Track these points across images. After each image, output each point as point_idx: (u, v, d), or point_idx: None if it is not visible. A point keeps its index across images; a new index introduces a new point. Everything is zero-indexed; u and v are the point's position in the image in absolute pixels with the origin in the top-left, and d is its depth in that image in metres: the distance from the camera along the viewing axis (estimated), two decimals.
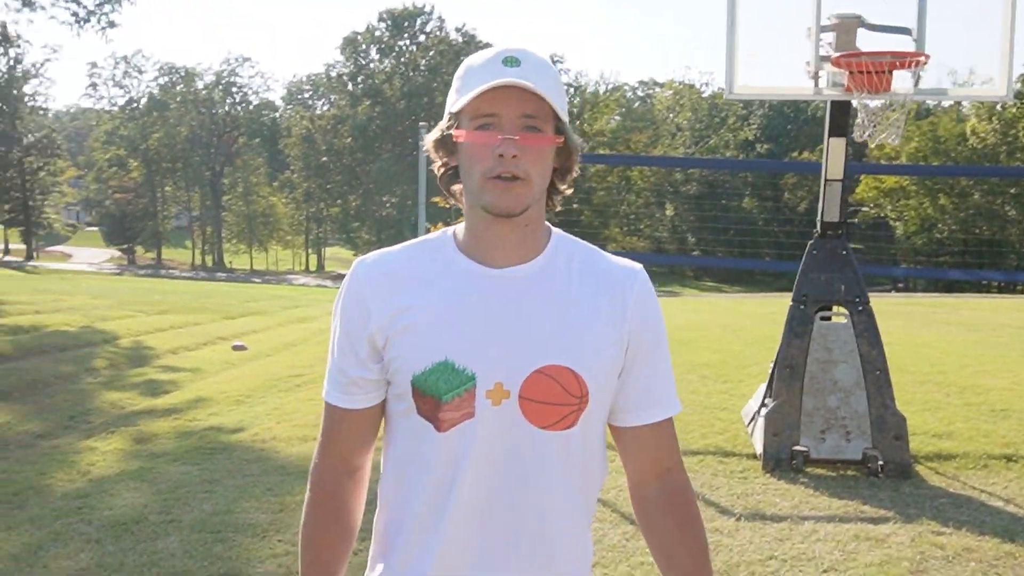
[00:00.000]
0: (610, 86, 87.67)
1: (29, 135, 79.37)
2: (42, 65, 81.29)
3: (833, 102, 6.63)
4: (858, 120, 6.31)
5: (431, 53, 73.57)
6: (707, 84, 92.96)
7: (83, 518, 5.78)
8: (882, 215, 71.15)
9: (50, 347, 13.54)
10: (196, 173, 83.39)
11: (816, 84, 6.38)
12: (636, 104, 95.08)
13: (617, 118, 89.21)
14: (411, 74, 72.60)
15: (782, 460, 6.86)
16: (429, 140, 1.70)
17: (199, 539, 5.32)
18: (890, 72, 5.91)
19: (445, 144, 1.68)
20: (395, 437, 1.74)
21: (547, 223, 1.76)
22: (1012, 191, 62.32)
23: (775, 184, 79.57)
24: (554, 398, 1.63)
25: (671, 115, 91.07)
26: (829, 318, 7.14)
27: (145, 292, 26.05)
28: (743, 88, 6.52)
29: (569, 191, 1.78)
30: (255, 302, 24.85)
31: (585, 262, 1.75)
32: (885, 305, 27.59)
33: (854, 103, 6.54)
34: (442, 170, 1.73)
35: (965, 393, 10.26)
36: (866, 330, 6.94)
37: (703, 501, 6.15)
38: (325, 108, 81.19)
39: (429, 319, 1.64)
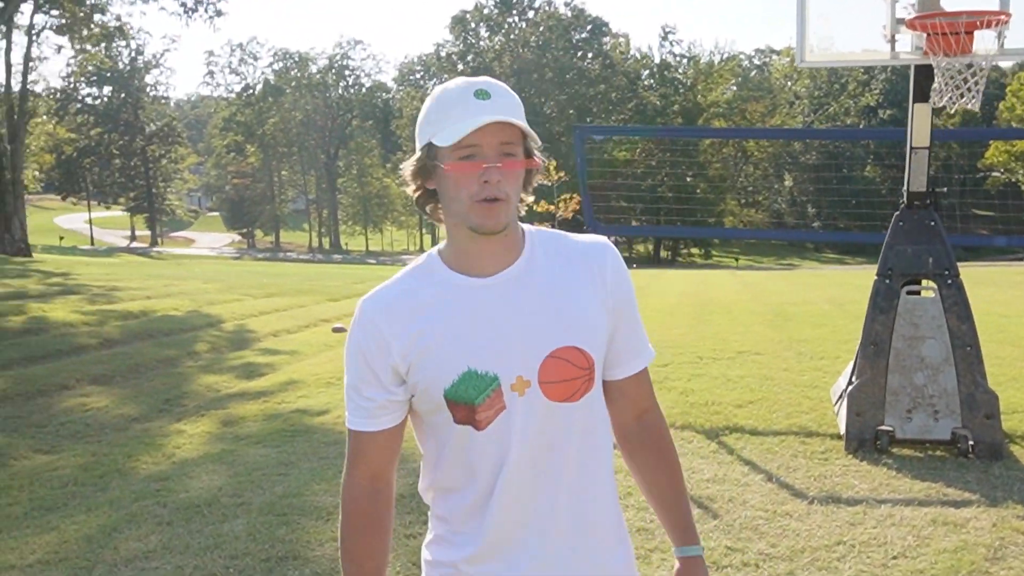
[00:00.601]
0: (725, 56, 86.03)
1: (151, 124, 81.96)
2: (162, 55, 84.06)
3: (917, 66, 6.32)
4: (934, 85, 5.99)
5: (540, 29, 73.31)
6: (827, 50, 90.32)
7: (160, 500, 5.90)
8: (1013, 179, 68.51)
9: (156, 332, 13.90)
10: (311, 156, 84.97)
11: (892, 48, 6.08)
12: (752, 73, 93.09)
13: (733, 88, 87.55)
14: (520, 51, 72.52)
15: (866, 441, 6.61)
16: (407, 168, 1.88)
17: (265, 522, 5.37)
18: (969, 33, 5.59)
19: (423, 171, 1.86)
20: (437, 443, 1.93)
21: (519, 223, 1.94)
22: None
23: (899, 152, 77.05)
24: (568, 375, 1.85)
25: (789, 83, 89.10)
26: (918, 292, 6.83)
27: (255, 276, 26.61)
28: (816, 54, 6.25)
29: (531, 199, 1.95)
30: (362, 283, 25.12)
31: (559, 249, 1.95)
32: (1004, 275, 26.59)
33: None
34: (418, 193, 1.90)
35: None
36: (956, 304, 6.62)
37: (777, 483, 5.97)
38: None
39: (443, 337, 1.83)
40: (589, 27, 74.08)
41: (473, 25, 75.05)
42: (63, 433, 8.25)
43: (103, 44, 39.95)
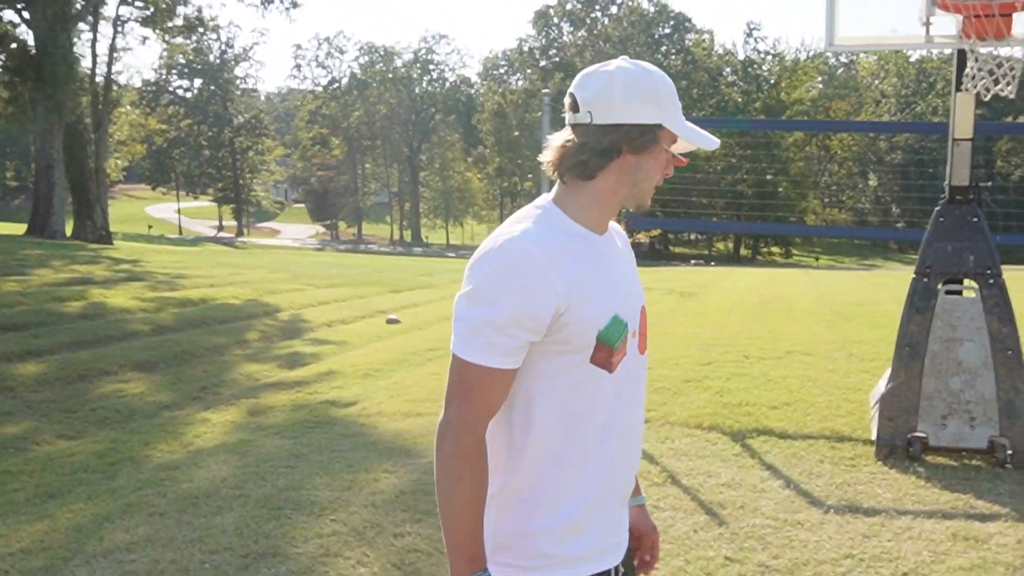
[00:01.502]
0: (811, 53, 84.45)
1: (239, 116, 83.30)
2: (251, 48, 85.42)
3: (960, 52, 5.98)
4: (967, 70, 5.64)
5: (624, 24, 72.78)
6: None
7: (161, 490, 5.83)
8: None
9: (211, 319, 14.00)
10: (395, 150, 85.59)
11: (927, 32, 5.74)
12: (839, 71, 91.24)
13: (819, 85, 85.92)
14: (602, 45, 72.00)
15: (897, 447, 6.29)
16: (630, 119, 1.91)
17: (256, 515, 5.26)
18: (1008, 16, 5.24)
19: (637, 139, 1.93)
20: (557, 384, 1.94)
21: None
22: None
23: (987, 150, 75.19)
24: (645, 329, 2.08)
25: (875, 81, 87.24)
26: (960, 292, 6.48)
27: (324, 266, 26.77)
28: (846, 39, 5.94)
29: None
30: (429, 276, 25.13)
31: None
32: None
33: (982, 51, 5.87)
34: (608, 148, 1.94)
35: None
36: (997, 305, 6.26)
37: (795, 490, 5.69)
38: (520, 83, 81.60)
39: (598, 282, 1.93)
40: (672, 23, 73.31)
41: (556, 20, 74.76)
42: (91, 419, 8.29)
43: (188, 35, 40.58)
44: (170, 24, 36.87)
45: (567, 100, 1.98)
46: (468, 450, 1.89)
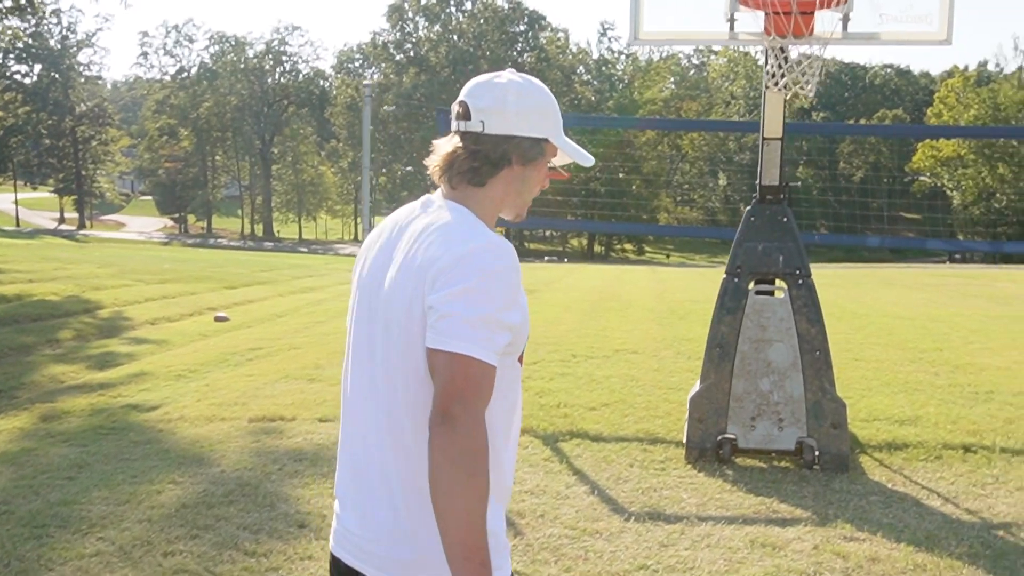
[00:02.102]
0: (664, 54, 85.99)
1: (81, 104, 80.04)
2: (94, 34, 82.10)
3: (770, 49, 5.90)
4: (768, 68, 5.56)
5: (479, 20, 72.72)
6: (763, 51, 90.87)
7: None
8: (939, 184, 69.37)
9: (24, 317, 13.22)
10: (246, 142, 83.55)
11: (731, 28, 5.64)
12: (691, 73, 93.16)
13: (671, 86, 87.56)
14: (456, 41, 71.84)
15: (707, 450, 6.19)
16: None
17: (16, 535, 4.80)
18: (809, 14, 5.17)
19: (527, 150, 2.01)
20: (502, 386, 1.91)
21: None
22: None
23: (831, 151, 77.90)
24: None
25: (726, 83, 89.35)
26: (772, 293, 6.42)
27: (159, 261, 25.80)
28: (650, 33, 5.81)
29: None
30: (269, 271, 24.48)
31: None
32: (918, 276, 26.58)
33: (797, 50, 5.80)
34: (498, 157, 1.99)
35: (956, 372, 9.50)
36: (805, 306, 6.22)
37: (600, 497, 5.51)
38: (376, 77, 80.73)
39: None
40: (526, 20, 73.54)
41: (411, 14, 74.17)
42: None
43: (21, 17, 38.54)
44: None
45: (457, 108, 2.00)
46: (482, 444, 1.78)
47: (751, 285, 6.36)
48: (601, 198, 64.20)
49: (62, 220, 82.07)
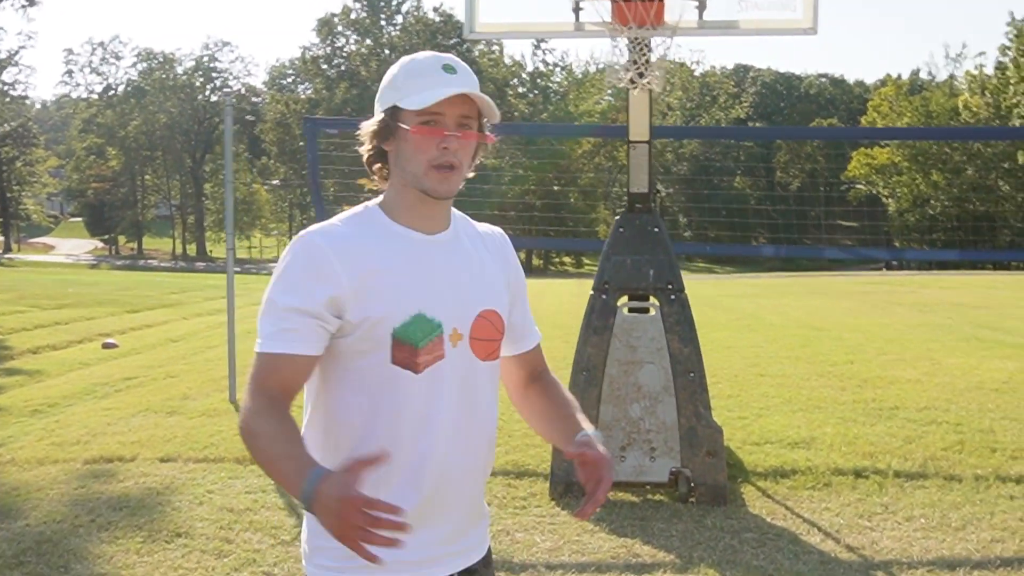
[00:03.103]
0: (600, 66, 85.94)
1: (5, 124, 78.17)
2: (16, 52, 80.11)
3: (630, 42, 5.36)
4: (611, 61, 5.04)
5: (410, 33, 72.15)
6: (698, 63, 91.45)
7: None
8: (874, 191, 69.98)
9: None
10: (176, 161, 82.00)
11: (577, 18, 5.12)
12: (659, 96, 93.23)
13: (609, 98, 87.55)
14: (387, 55, 71.15)
15: (573, 484, 5.61)
16: (367, 127, 1.97)
17: None
18: (658, 0, 4.65)
19: (382, 133, 1.95)
20: (357, 387, 1.92)
21: None
22: (1005, 165, 61.06)
23: (767, 159, 78.36)
24: (490, 335, 2.01)
25: (662, 95, 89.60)
26: (648, 310, 5.88)
27: (62, 284, 24.83)
28: (488, 26, 5.26)
29: (472, 175, 2.02)
30: (179, 293, 23.63)
31: (470, 226, 2.10)
32: (847, 285, 26.40)
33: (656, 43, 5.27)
34: (371, 152, 1.98)
35: (864, 387, 9.09)
36: (678, 323, 5.69)
37: None
38: (308, 92, 79.77)
39: (398, 279, 1.91)
40: (458, 33, 73.08)
41: (340, 28, 73.33)
42: None
43: None
44: None
45: None
46: (248, 419, 1.83)
47: (621, 302, 5.83)
48: (539, 211, 63.87)
49: None
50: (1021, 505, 5.47)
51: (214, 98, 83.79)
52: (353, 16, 72.69)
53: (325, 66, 74.14)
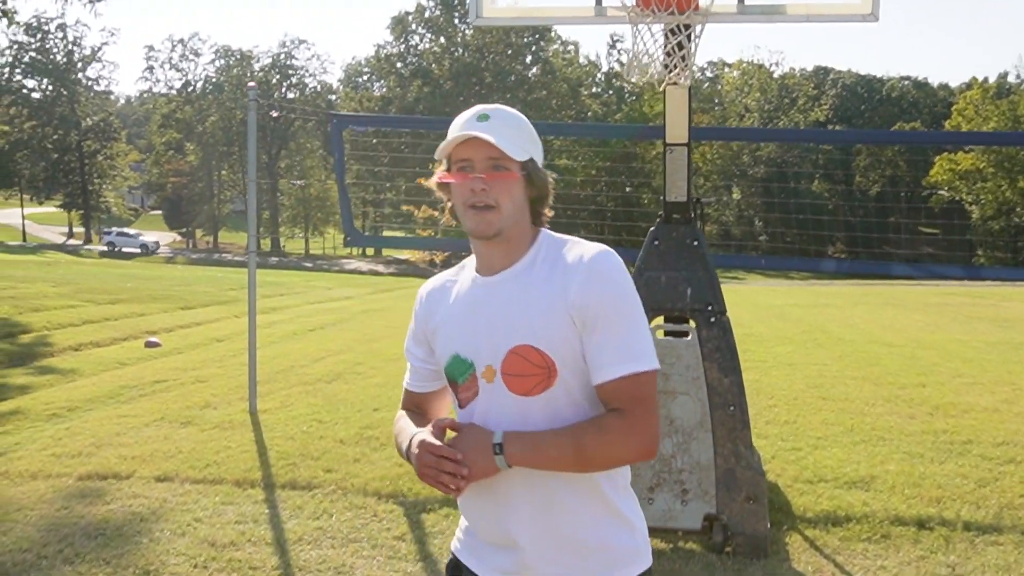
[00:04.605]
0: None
1: (88, 119, 79.46)
2: (100, 48, 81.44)
3: (670, 32, 4.73)
4: (633, 51, 4.41)
5: (483, 32, 71.78)
6: (777, 64, 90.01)
7: None
8: (957, 198, 67.97)
9: None
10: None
11: (599, 2, 4.50)
12: (705, 85, 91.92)
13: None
14: (460, 53, 70.82)
15: None
16: (432, 183, 2.12)
17: None
18: None
19: (441, 185, 2.11)
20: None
21: (542, 229, 2.14)
22: None
23: (847, 164, 76.57)
24: (525, 370, 2.01)
25: (740, 96, 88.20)
26: (687, 333, 5.23)
27: (121, 279, 24.80)
28: (498, 11, 4.68)
29: (551, 213, 2.14)
30: (238, 290, 23.39)
31: (555, 257, 2.07)
32: (924, 295, 25.27)
33: (696, 29, 4.63)
34: (448, 205, 2.13)
35: (935, 415, 8.31)
36: (717, 350, 5.05)
37: None
38: (383, 90, 79.91)
39: (446, 323, 2.13)
40: (534, 33, 72.51)
41: (414, 26, 73.23)
42: None
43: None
44: None
45: None
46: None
47: (654, 324, 5.20)
48: (612, 213, 63.17)
49: (70, 235, 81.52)
50: None
51: (291, 95, 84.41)
52: (427, 14, 72.56)
53: (399, 64, 74.15)
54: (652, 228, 5.25)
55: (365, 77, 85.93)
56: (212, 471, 6.24)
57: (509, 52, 72.92)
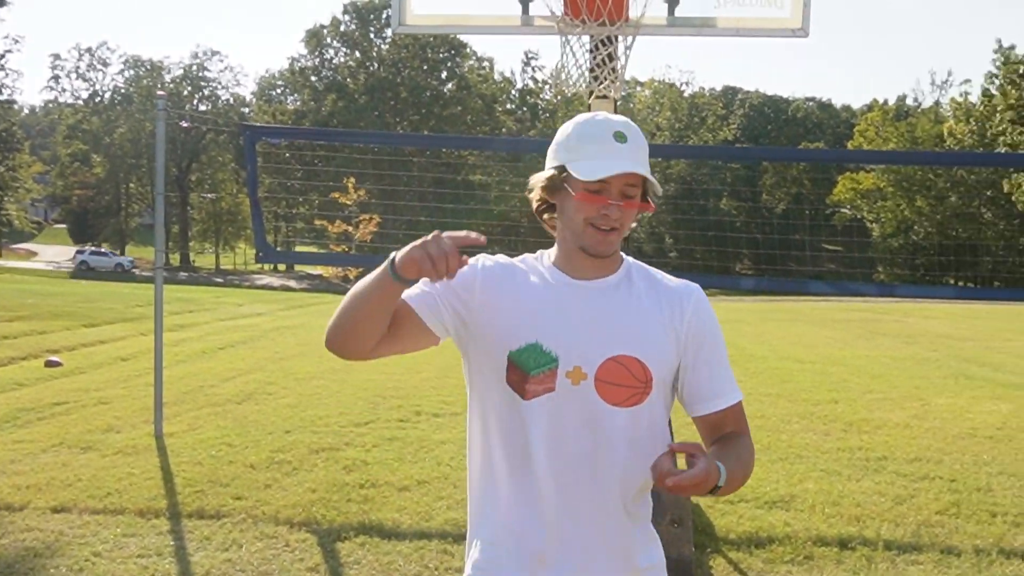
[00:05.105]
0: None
1: None
2: (3, 56, 79.19)
3: (600, 43, 4.64)
4: (559, 63, 4.32)
5: (399, 48, 71.63)
6: (687, 83, 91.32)
7: None
8: (859, 216, 69.73)
9: None
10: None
11: (525, 11, 4.40)
12: (618, 103, 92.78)
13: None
14: (376, 67, 70.51)
15: None
16: (537, 181, 2.07)
17: None
18: None
19: (551, 187, 2.05)
20: (486, 403, 2.05)
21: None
22: (988, 193, 61.18)
23: (753, 182, 78.01)
24: (622, 380, 1.98)
25: (651, 115, 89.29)
26: None
27: (21, 295, 24.03)
28: (421, 17, 4.55)
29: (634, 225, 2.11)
30: (146, 306, 22.79)
31: (651, 279, 2.12)
32: (830, 311, 25.73)
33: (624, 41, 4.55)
34: (540, 204, 2.10)
35: (849, 432, 8.38)
36: None
37: None
38: (297, 104, 79.17)
39: (527, 309, 2.02)
40: (449, 49, 72.55)
41: (329, 40, 72.73)
42: None
43: None
44: None
45: None
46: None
47: None
48: (525, 227, 63.21)
49: None
50: None
51: (203, 107, 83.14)
52: (343, 28, 72.13)
53: (313, 77, 73.56)
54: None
55: (279, 90, 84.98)
56: (113, 500, 5.95)
57: (425, 67, 72.86)
